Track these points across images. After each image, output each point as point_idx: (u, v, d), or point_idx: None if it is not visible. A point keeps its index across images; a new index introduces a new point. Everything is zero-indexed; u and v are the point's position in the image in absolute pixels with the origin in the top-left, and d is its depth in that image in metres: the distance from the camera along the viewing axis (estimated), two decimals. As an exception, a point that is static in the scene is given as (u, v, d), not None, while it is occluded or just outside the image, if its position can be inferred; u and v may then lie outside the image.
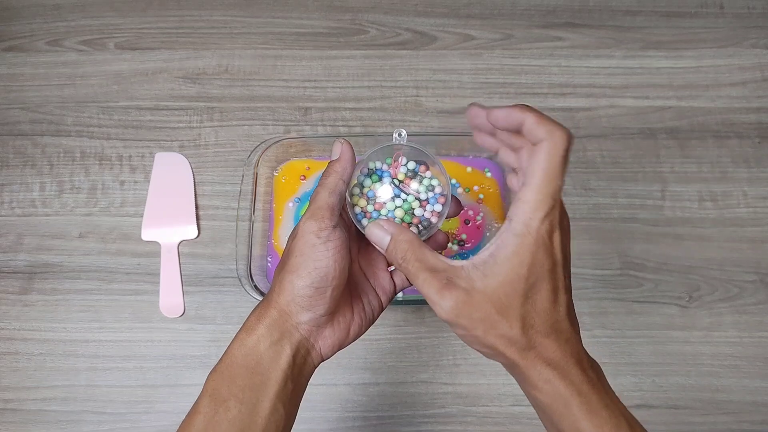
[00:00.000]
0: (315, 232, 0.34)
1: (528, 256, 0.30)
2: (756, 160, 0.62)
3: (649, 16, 0.69)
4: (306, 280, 0.33)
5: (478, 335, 0.31)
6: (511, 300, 0.30)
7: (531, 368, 0.31)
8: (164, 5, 0.69)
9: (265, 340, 0.33)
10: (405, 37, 0.68)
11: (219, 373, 0.33)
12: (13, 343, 0.56)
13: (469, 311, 0.31)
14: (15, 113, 0.64)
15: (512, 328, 0.31)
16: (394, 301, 0.55)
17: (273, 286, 0.35)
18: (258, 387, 0.33)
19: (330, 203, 0.34)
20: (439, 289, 0.31)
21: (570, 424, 0.31)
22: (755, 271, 0.58)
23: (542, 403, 0.32)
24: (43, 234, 0.59)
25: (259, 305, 0.35)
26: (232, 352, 0.33)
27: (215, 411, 0.32)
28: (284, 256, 0.35)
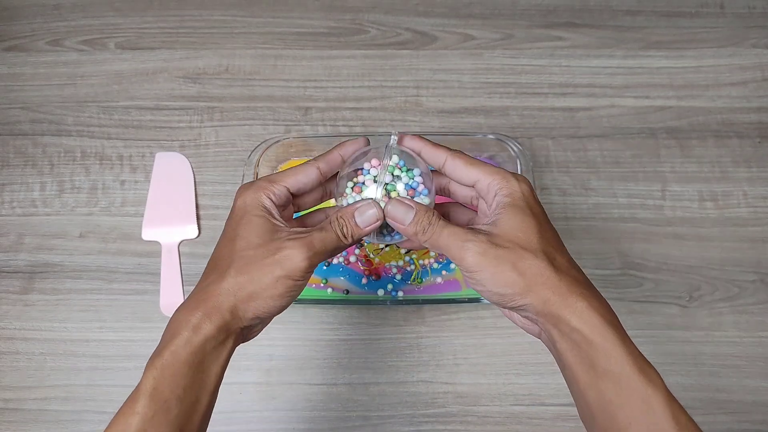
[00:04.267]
0: (305, 273, 0.34)
1: (524, 204, 0.35)
2: (756, 160, 0.62)
3: (650, 16, 0.69)
4: (278, 303, 0.34)
5: (509, 273, 0.32)
6: (530, 237, 0.33)
7: (565, 303, 0.32)
8: (165, 5, 0.69)
9: (212, 341, 0.33)
10: (405, 36, 0.68)
11: (160, 371, 0.31)
12: (13, 342, 0.56)
13: (495, 250, 0.33)
14: (15, 113, 0.64)
15: (539, 260, 0.33)
16: (395, 301, 0.56)
17: (230, 285, 0.33)
18: (199, 385, 0.32)
19: (328, 254, 0.36)
20: (464, 236, 0.33)
21: (606, 353, 0.31)
22: (755, 270, 0.58)
23: (577, 341, 0.32)
24: (44, 234, 0.59)
25: (206, 300, 0.33)
26: (176, 349, 0.32)
27: (154, 412, 0.31)
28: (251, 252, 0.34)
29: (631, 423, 0.30)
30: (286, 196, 0.37)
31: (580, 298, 0.32)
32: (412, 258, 0.57)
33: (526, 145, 0.62)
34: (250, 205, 0.36)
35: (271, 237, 0.34)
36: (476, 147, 0.60)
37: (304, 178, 0.38)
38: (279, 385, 0.54)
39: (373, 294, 0.56)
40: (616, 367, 0.31)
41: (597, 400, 0.31)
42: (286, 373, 0.55)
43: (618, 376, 0.31)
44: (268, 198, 0.36)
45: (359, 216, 0.36)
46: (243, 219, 0.35)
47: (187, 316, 0.33)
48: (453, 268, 0.57)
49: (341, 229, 0.36)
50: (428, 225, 0.35)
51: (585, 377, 0.32)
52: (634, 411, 0.30)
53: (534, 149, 0.63)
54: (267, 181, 0.37)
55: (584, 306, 0.32)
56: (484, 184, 0.36)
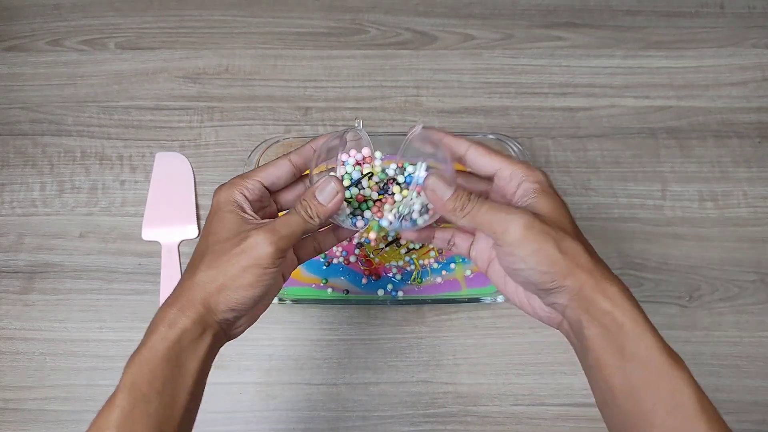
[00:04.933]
0: (272, 258, 0.34)
1: (551, 191, 0.35)
2: (756, 160, 0.62)
3: (650, 16, 0.69)
4: (249, 292, 0.34)
5: (552, 251, 0.33)
6: (565, 224, 0.34)
7: (599, 286, 0.32)
8: (165, 5, 0.69)
9: (188, 335, 0.33)
10: (405, 36, 0.68)
11: (138, 366, 0.32)
12: (13, 342, 0.56)
13: (540, 226, 0.33)
14: (15, 113, 0.64)
15: (576, 244, 0.33)
16: (395, 301, 0.56)
17: (201, 278, 0.34)
18: (178, 379, 0.33)
19: (296, 236, 0.36)
20: (508, 209, 0.34)
21: (636, 336, 0.32)
22: (755, 270, 0.58)
23: (608, 324, 0.32)
24: (44, 234, 0.59)
25: (181, 295, 0.34)
26: (153, 344, 0.32)
27: (133, 405, 0.31)
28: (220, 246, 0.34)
29: (656, 406, 0.30)
30: (260, 190, 0.38)
31: (612, 282, 0.33)
32: (412, 258, 0.57)
33: (526, 145, 0.62)
34: (222, 202, 0.37)
35: (240, 229, 0.35)
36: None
37: (276, 171, 0.38)
38: (279, 385, 0.54)
39: (373, 294, 0.56)
40: (644, 350, 0.31)
41: (622, 384, 0.32)
42: (286, 373, 0.55)
43: (646, 360, 0.31)
44: (240, 193, 0.37)
45: (320, 194, 0.36)
46: (216, 216, 0.36)
47: (164, 312, 0.33)
48: (453, 268, 0.57)
49: (305, 211, 0.36)
50: (467, 201, 0.35)
51: (612, 361, 0.32)
52: (660, 394, 0.31)
53: (534, 149, 0.63)
54: (240, 178, 0.38)
55: (616, 290, 0.32)
56: (507, 173, 0.36)
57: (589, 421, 0.53)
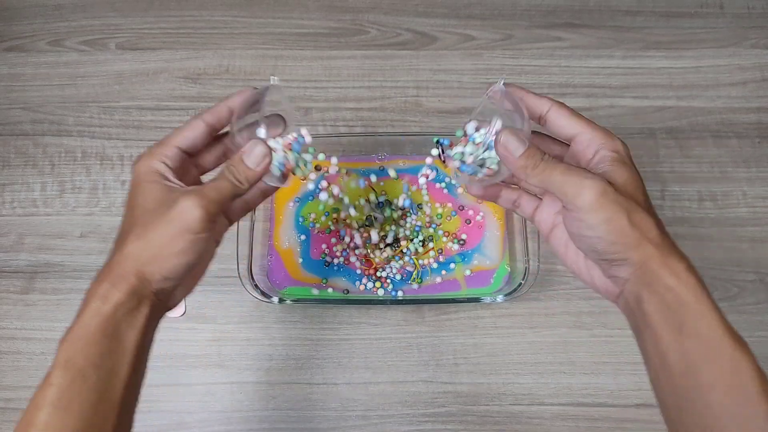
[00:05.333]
0: (203, 223, 0.33)
1: (629, 162, 0.35)
2: (755, 160, 0.62)
3: (649, 17, 0.69)
4: (182, 260, 0.34)
5: (623, 222, 0.32)
6: (638, 194, 0.34)
7: (665, 262, 0.32)
8: (165, 5, 0.69)
9: (123, 308, 0.32)
10: (405, 37, 0.68)
11: (72, 343, 0.31)
12: (14, 342, 0.56)
13: (614, 195, 0.32)
14: (16, 113, 0.65)
15: (648, 217, 0.33)
16: (395, 301, 0.56)
17: (131, 250, 0.33)
18: (116, 352, 0.32)
19: (226, 201, 0.35)
20: (583, 173, 0.33)
21: (698, 314, 0.31)
22: (755, 270, 0.58)
23: (669, 300, 0.32)
24: (45, 234, 0.60)
25: (111, 270, 0.33)
26: (85, 321, 0.32)
27: (71, 381, 0.31)
28: (148, 216, 0.34)
29: (715, 383, 0.30)
30: (179, 156, 0.36)
31: (679, 260, 0.32)
32: (412, 258, 0.57)
33: (525, 146, 0.62)
34: (143, 173, 0.35)
35: (166, 198, 0.34)
36: (476, 147, 0.60)
37: (191, 133, 0.37)
38: (279, 385, 0.55)
39: (373, 294, 0.56)
40: (706, 328, 0.31)
41: (679, 361, 0.31)
42: (286, 372, 0.55)
43: (707, 338, 0.31)
44: (161, 162, 0.36)
45: (247, 158, 0.36)
46: (138, 188, 0.35)
47: (95, 288, 0.33)
48: (453, 268, 0.57)
49: (233, 176, 0.35)
50: (540, 160, 0.34)
51: (670, 337, 0.32)
52: (720, 372, 0.30)
53: (534, 149, 0.63)
54: (158, 146, 0.36)
55: (683, 267, 0.32)
56: (586, 137, 0.36)
57: (588, 421, 0.53)
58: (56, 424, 0.30)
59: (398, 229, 0.58)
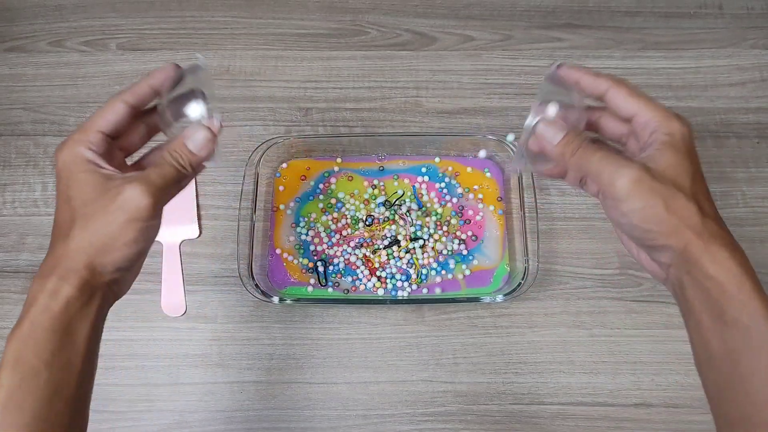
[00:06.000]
0: (152, 210, 0.33)
1: (683, 146, 0.33)
2: (755, 160, 0.63)
3: (648, 17, 0.69)
4: (134, 249, 0.33)
5: (659, 208, 0.32)
6: (683, 180, 0.33)
7: (706, 249, 0.32)
8: (166, 6, 0.70)
9: (75, 302, 0.32)
10: (405, 38, 0.68)
11: (21, 341, 0.31)
12: (15, 342, 0.56)
13: (650, 181, 0.32)
14: (17, 113, 0.65)
15: (689, 203, 0.32)
16: (394, 301, 0.56)
17: (78, 243, 0.32)
18: (69, 347, 0.32)
19: (172, 187, 0.35)
20: (619, 161, 0.33)
21: (739, 303, 0.31)
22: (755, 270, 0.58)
23: (710, 288, 0.31)
24: (46, 234, 0.60)
25: (57, 264, 0.32)
26: (35, 318, 0.31)
27: (20, 381, 0.30)
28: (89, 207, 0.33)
29: (754, 373, 0.30)
30: (104, 141, 0.35)
31: (722, 247, 0.32)
32: (412, 258, 0.57)
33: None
34: (71, 163, 0.34)
35: (105, 186, 0.33)
36: (476, 147, 0.60)
37: (112, 115, 0.35)
38: (279, 384, 0.55)
39: (373, 294, 0.56)
40: (747, 318, 0.31)
41: (720, 348, 0.31)
42: (286, 372, 0.55)
43: (747, 327, 0.31)
44: (89, 149, 0.34)
45: (190, 143, 0.35)
46: (71, 179, 0.34)
47: (42, 283, 0.32)
48: (453, 267, 0.57)
49: (177, 161, 0.35)
50: (578, 147, 0.34)
51: (710, 325, 0.32)
52: (759, 362, 0.30)
53: (533, 150, 0.63)
54: (80, 133, 0.35)
55: (725, 255, 0.32)
56: (644, 118, 0.35)
57: (588, 420, 0.53)
58: (8, 424, 0.29)
59: (398, 229, 0.58)
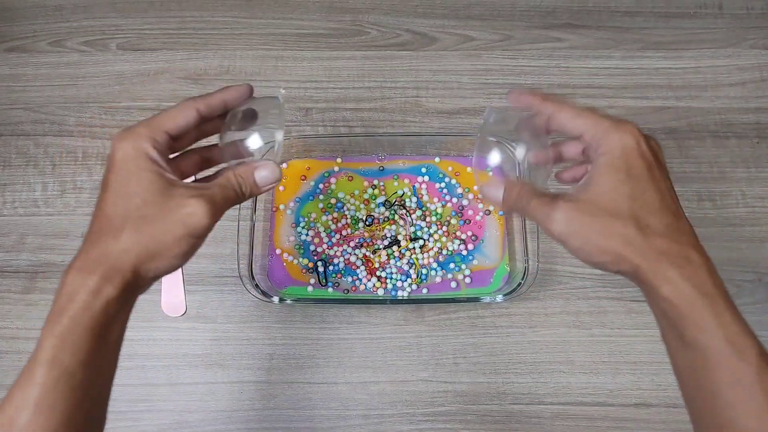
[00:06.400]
0: (208, 230, 0.34)
1: (621, 162, 0.32)
2: (754, 160, 0.63)
3: (648, 17, 0.69)
4: (181, 261, 0.34)
5: (596, 242, 0.32)
6: (619, 203, 0.32)
7: (655, 271, 0.31)
8: (166, 6, 0.70)
9: (115, 304, 0.31)
10: (405, 38, 0.68)
11: (60, 339, 0.30)
12: (15, 342, 0.56)
13: (581, 218, 0.32)
14: (17, 113, 0.65)
15: (627, 227, 0.31)
16: (394, 301, 0.56)
17: (130, 245, 0.32)
18: (103, 348, 0.31)
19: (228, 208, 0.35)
20: (549, 204, 0.33)
21: (695, 325, 0.30)
22: (754, 270, 0.58)
23: (666, 309, 0.31)
24: (46, 234, 0.60)
25: (102, 260, 0.31)
26: (75, 315, 0.30)
27: (56, 380, 0.29)
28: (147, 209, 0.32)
29: (716, 393, 0.30)
30: (168, 142, 0.35)
31: (671, 265, 0.31)
32: (412, 258, 0.57)
33: (525, 146, 0.62)
34: (134, 157, 0.33)
35: (168, 193, 0.33)
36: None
37: (184, 121, 0.35)
38: (279, 384, 0.55)
39: (373, 294, 0.56)
40: (704, 339, 0.30)
41: (684, 367, 0.32)
42: (287, 371, 0.55)
43: (706, 349, 0.30)
44: (153, 148, 0.33)
45: (258, 175, 0.36)
46: (131, 174, 0.33)
47: (84, 278, 0.31)
48: (453, 267, 0.57)
49: (240, 187, 0.36)
50: (516, 196, 0.35)
51: (674, 344, 0.32)
52: (720, 383, 0.30)
53: (533, 150, 0.63)
54: (146, 128, 0.34)
55: (676, 275, 0.30)
56: (588, 136, 0.35)
57: (588, 420, 0.54)
58: (40, 425, 0.29)
59: (398, 229, 0.58)
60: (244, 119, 0.39)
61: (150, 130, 0.34)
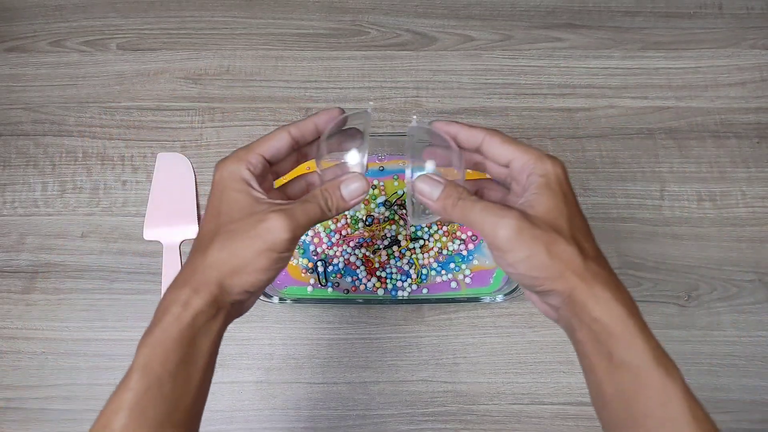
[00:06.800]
0: (288, 244, 0.33)
1: (557, 187, 0.34)
2: (754, 160, 0.63)
3: (648, 17, 0.69)
4: (263, 276, 0.34)
5: (542, 256, 0.32)
6: (561, 223, 0.33)
7: (590, 291, 0.32)
8: (166, 6, 0.70)
9: (203, 316, 0.32)
10: (405, 38, 0.68)
11: (151, 348, 0.32)
12: (15, 342, 0.56)
13: (531, 229, 0.32)
14: (17, 113, 0.65)
15: (570, 246, 0.32)
16: (394, 301, 0.56)
17: (215, 260, 0.33)
18: (191, 360, 0.32)
19: (311, 225, 0.35)
20: (498, 211, 0.33)
21: (625, 344, 0.31)
22: (754, 270, 0.58)
23: (596, 330, 0.31)
24: (46, 233, 0.60)
25: (192, 276, 0.33)
26: (166, 325, 0.32)
27: (147, 387, 0.31)
28: (233, 226, 0.34)
29: (647, 415, 0.30)
30: (263, 164, 0.37)
31: (605, 288, 0.32)
32: (412, 258, 0.57)
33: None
34: (228, 179, 0.35)
35: (252, 209, 0.34)
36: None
37: (277, 143, 0.37)
38: (279, 384, 0.55)
39: (373, 294, 0.56)
40: (634, 358, 0.31)
41: (613, 391, 0.31)
42: (286, 372, 0.55)
43: (636, 368, 0.31)
44: (247, 169, 0.35)
45: (345, 188, 0.36)
46: (224, 194, 0.35)
47: (176, 293, 0.33)
48: (453, 267, 0.57)
49: (326, 202, 0.35)
50: (457, 200, 0.34)
51: (602, 367, 0.32)
52: (651, 403, 0.30)
53: (533, 150, 0.63)
54: (244, 152, 0.36)
55: (608, 296, 0.31)
56: (519, 163, 0.35)
57: (588, 420, 0.53)
58: (132, 429, 0.30)
59: (398, 228, 0.58)
60: (334, 140, 0.39)
61: (245, 153, 0.36)
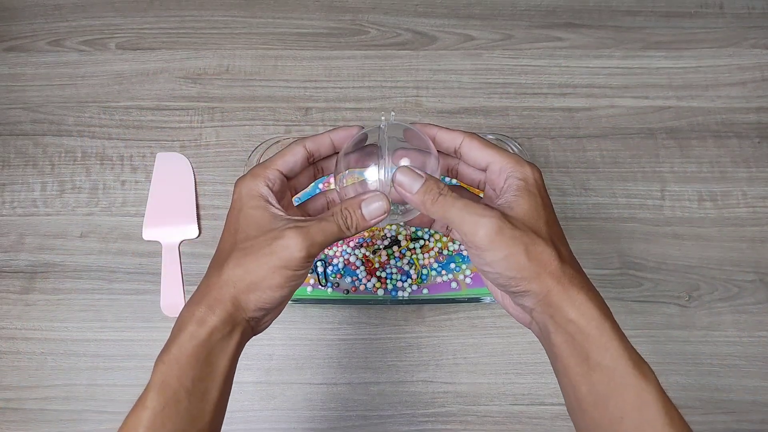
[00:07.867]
0: (303, 262, 0.33)
1: (535, 190, 0.34)
2: (755, 160, 0.62)
3: (649, 17, 0.69)
4: (278, 293, 0.33)
5: (521, 257, 0.32)
6: (540, 225, 0.33)
7: (566, 294, 0.32)
8: (165, 6, 0.69)
9: (218, 333, 0.32)
10: (405, 37, 0.68)
11: (168, 365, 0.32)
12: (14, 342, 0.56)
13: (511, 230, 0.32)
14: (16, 113, 0.65)
15: (548, 248, 0.32)
16: (395, 301, 0.56)
17: (230, 276, 0.33)
18: (208, 377, 0.32)
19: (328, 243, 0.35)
20: (479, 210, 0.33)
21: (601, 346, 0.31)
22: (755, 270, 0.58)
23: (572, 332, 0.31)
24: (45, 233, 0.60)
25: (208, 293, 0.33)
26: (182, 343, 0.32)
27: (164, 405, 0.31)
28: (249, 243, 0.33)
29: (623, 416, 0.30)
30: (280, 179, 0.37)
31: (580, 290, 0.32)
32: (412, 258, 0.57)
33: (525, 146, 0.62)
34: (246, 196, 0.35)
35: (269, 226, 0.34)
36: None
37: (292, 157, 0.37)
38: (279, 385, 0.55)
39: (373, 294, 0.56)
40: (610, 360, 0.31)
41: (589, 393, 0.31)
42: (286, 372, 0.55)
43: (612, 370, 0.31)
44: (265, 185, 0.36)
45: (366, 207, 0.35)
46: (242, 210, 0.35)
47: (192, 310, 0.33)
48: (453, 268, 0.57)
49: (345, 220, 0.35)
50: (438, 195, 0.34)
51: (577, 369, 0.32)
52: (626, 405, 0.30)
53: (533, 149, 0.63)
54: (262, 168, 0.36)
55: (584, 299, 0.32)
56: (497, 166, 0.36)
57: (589, 421, 0.53)
58: None
59: (398, 228, 0.58)
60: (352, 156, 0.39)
61: (262, 170, 0.36)
